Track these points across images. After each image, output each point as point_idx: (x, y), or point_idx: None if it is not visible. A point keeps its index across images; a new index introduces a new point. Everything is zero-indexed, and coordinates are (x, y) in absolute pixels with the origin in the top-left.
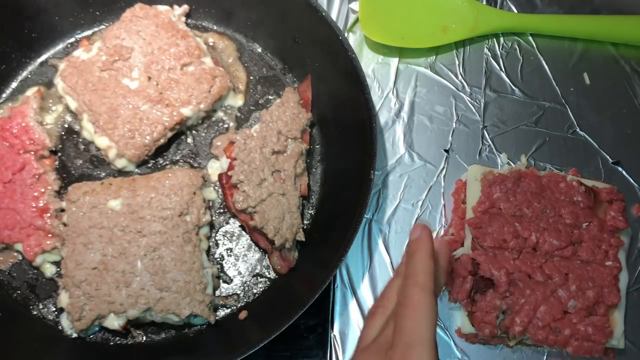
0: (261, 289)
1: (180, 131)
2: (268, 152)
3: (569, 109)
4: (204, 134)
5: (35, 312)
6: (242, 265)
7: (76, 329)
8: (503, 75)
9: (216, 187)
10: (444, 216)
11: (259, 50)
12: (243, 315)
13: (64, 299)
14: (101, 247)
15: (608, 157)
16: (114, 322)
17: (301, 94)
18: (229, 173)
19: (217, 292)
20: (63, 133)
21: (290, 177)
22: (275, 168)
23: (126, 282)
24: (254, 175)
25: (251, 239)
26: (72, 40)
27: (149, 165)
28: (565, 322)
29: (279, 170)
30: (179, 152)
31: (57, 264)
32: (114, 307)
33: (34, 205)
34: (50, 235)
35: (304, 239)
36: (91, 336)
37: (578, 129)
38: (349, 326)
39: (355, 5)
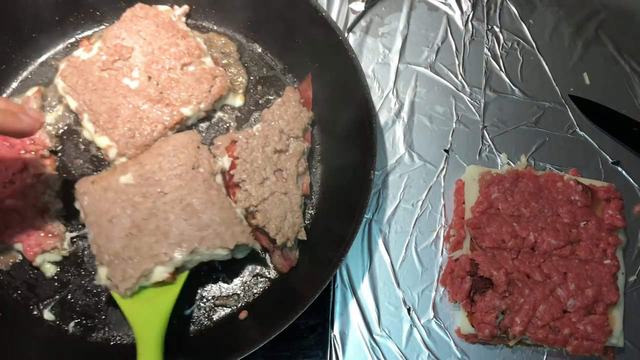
0: (261, 289)
1: (180, 131)
2: (270, 151)
3: (568, 109)
4: (204, 134)
5: (35, 312)
6: (242, 266)
7: (122, 290)
8: (503, 75)
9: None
10: (444, 216)
11: (259, 50)
12: (243, 315)
13: (102, 273)
14: (128, 216)
15: (608, 157)
16: (162, 274)
17: (302, 92)
18: (231, 172)
19: (217, 292)
20: (63, 133)
21: (292, 176)
22: (278, 167)
23: (164, 234)
24: (256, 174)
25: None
26: (72, 40)
27: None
28: (564, 321)
29: (281, 169)
30: None
31: (57, 264)
32: (158, 258)
33: (34, 205)
34: (50, 235)
35: (305, 238)
36: (92, 335)
37: (578, 129)
38: (349, 326)
39: (355, 5)
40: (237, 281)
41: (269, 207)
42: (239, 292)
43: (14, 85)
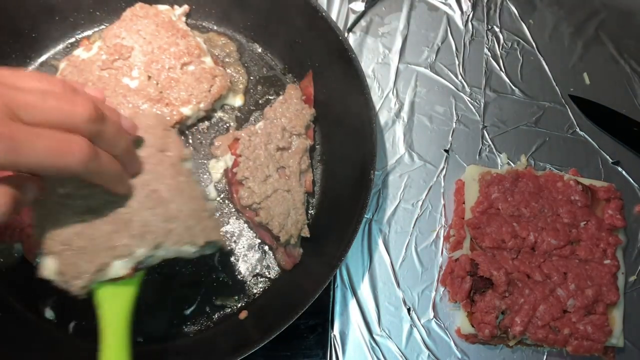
0: (261, 289)
1: (180, 131)
2: (273, 148)
3: (568, 109)
4: (204, 134)
5: (35, 312)
6: (242, 265)
7: (76, 289)
8: (503, 75)
9: (216, 186)
10: (444, 216)
11: (259, 50)
12: (243, 315)
13: (49, 265)
14: (81, 197)
15: (608, 157)
16: (122, 269)
17: (303, 89)
18: (234, 170)
19: (217, 292)
20: None
21: (295, 173)
22: (280, 164)
23: (125, 223)
24: (259, 172)
25: (256, 236)
26: (72, 40)
27: None
28: (564, 321)
29: (283, 166)
30: None
31: None
32: (117, 251)
33: None
34: None
35: (308, 235)
36: (93, 335)
37: (578, 129)
38: (349, 326)
39: (355, 5)
40: (237, 281)
41: (272, 205)
42: (239, 292)
43: None
